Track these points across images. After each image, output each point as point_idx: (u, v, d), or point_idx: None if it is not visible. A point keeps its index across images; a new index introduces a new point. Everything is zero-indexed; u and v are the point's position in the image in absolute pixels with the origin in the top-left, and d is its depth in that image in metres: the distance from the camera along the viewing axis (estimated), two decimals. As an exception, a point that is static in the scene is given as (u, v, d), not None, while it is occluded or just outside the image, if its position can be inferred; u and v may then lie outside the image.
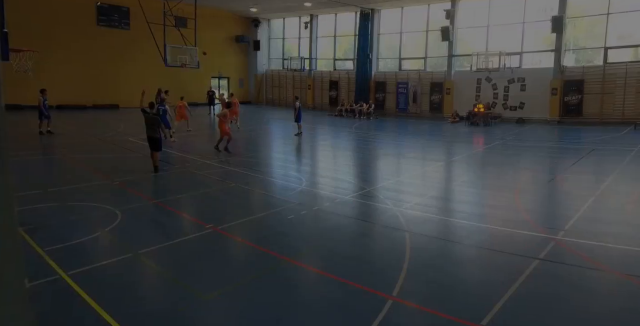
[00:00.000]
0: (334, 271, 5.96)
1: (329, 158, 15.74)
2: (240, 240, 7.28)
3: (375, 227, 7.98)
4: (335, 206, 9.08)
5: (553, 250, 6.53)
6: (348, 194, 10.10)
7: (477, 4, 26.69)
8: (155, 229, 7.90)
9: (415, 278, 5.72)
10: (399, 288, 5.40)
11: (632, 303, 5.02)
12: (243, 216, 8.44)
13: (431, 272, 5.93)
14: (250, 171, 12.44)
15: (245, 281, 5.69)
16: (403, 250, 6.64)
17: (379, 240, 7.41)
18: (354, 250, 6.86)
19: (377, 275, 5.86)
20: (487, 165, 13.89)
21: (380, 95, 31.37)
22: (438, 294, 5.34)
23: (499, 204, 9.24)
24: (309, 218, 8.45)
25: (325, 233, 7.63)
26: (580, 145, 16.70)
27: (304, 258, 6.55)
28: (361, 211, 9.00)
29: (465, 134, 21.47)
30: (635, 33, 22.51)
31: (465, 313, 4.80)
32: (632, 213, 8.33)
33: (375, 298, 5.18)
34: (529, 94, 24.99)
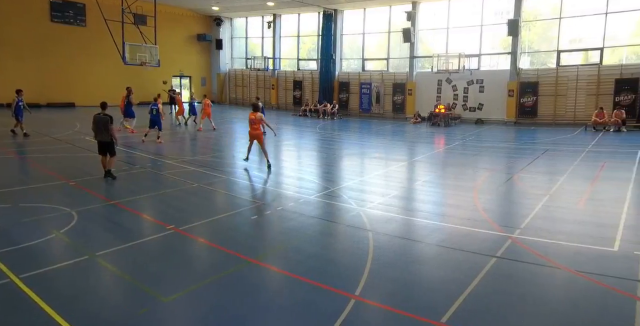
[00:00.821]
0: (298, 271, 5.96)
1: (293, 158, 15.72)
2: (202, 241, 7.17)
3: (339, 226, 8.03)
4: (299, 206, 9.08)
5: (509, 248, 6.73)
6: (312, 194, 10.11)
7: (437, 6, 27.27)
8: (113, 230, 7.68)
9: (378, 277, 5.79)
10: (362, 287, 5.45)
11: (582, 299, 5.24)
12: (206, 217, 8.32)
13: (393, 271, 6.01)
14: (214, 171, 12.28)
15: (207, 282, 5.61)
16: (366, 250, 6.71)
17: (342, 240, 7.46)
18: (317, 250, 6.88)
19: (341, 275, 5.89)
20: (447, 165, 14.19)
21: (344, 96, 31.58)
22: (400, 292, 5.42)
23: (459, 203, 9.46)
24: (273, 218, 8.42)
25: (289, 233, 7.61)
26: (535, 145, 17.30)
27: (267, 259, 6.51)
28: (325, 211, 9.03)
29: (426, 135, 21.89)
30: (586, 37, 23.55)
31: (426, 311, 4.89)
32: (583, 212, 8.68)
33: (338, 297, 5.21)
34: (487, 96, 25.73)
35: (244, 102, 38.04)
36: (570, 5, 23.09)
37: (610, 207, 8.80)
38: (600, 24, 22.22)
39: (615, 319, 4.71)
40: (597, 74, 22.34)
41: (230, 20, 38.98)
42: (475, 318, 4.80)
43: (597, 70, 22.37)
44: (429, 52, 27.94)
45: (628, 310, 4.84)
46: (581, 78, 22.84)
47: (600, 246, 6.72)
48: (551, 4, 24.01)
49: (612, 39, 22.62)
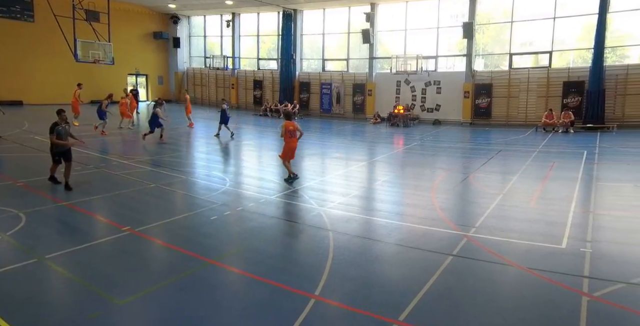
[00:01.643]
0: (258, 271, 5.92)
1: (253, 158, 15.59)
2: (159, 243, 7.00)
3: (300, 226, 8.02)
4: (260, 206, 9.02)
5: (465, 246, 6.92)
6: (273, 194, 10.06)
7: (395, 8, 27.70)
8: (64, 232, 7.39)
9: (338, 277, 5.82)
10: (322, 287, 5.47)
11: (533, 295, 5.43)
12: (163, 217, 8.13)
13: (353, 270, 6.06)
14: (172, 171, 12.01)
15: (164, 284, 5.49)
16: (327, 249, 6.74)
17: (303, 240, 7.46)
18: (278, 250, 6.85)
19: (301, 275, 5.90)
20: (406, 165, 14.44)
21: (305, 96, 31.59)
22: (359, 291, 5.46)
23: (417, 203, 9.63)
24: (233, 218, 8.32)
25: (249, 234, 7.55)
26: (490, 146, 17.85)
27: (227, 260, 6.43)
28: (286, 211, 9.00)
29: (386, 135, 22.20)
30: (536, 41, 24.52)
31: (385, 310, 4.96)
32: (534, 210, 9.00)
33: (298, 297, 5.21)
34: (444, 97, 26.36)
35: (202, 102, 37.42)
36: (521, 9, 23.97)
37: (559, 205, 9.15)
38: (549, 29, 23.19)
39: (563, 314, 4.91)
40: (547, 76, 23.30)
41: (187, 19, 38.25)
42: (432, 315, 4.91)
43: (547, 73, 23.33)
44: (388, 53, 28.34)
45: (575, 305, 5.05)
46: (532, 80, 23.75)
47: (550, 243, 6.98)
48: (503, 8, 24.86)
49: (560, 43, 23.66)
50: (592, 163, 13.24)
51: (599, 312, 4.88)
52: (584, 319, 4.73)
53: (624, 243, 6.99)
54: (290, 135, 10.83)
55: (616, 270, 5.90)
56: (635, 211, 8.78)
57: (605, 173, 12.11)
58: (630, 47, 22.47)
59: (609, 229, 7.68)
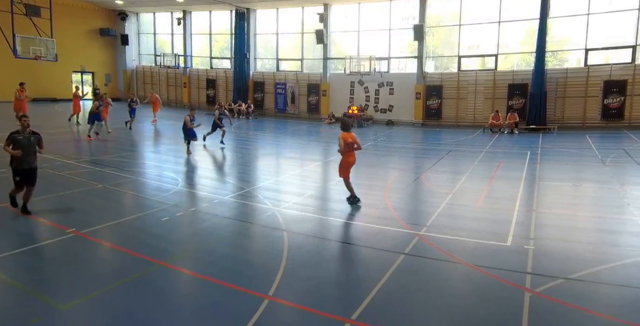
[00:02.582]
0: (211, 273, 5.82)
1: (207, 158, 15.31)
2: (107, 245, 6.76)
3: (254, 227, 7.95)
4: (213, 207, 8.88)
5: (416, 245, 7.07)
6: (227, 194, 9.92)
7: (348, 9, 27.97)
8: (3, 235, 6.99)
9: (292, 277, 5.82)
10: (276, 287, 5.46)
11: (479, 291, 5.61)
12: (111, 219, 7.85)
13: (307, 270, 6.07)
14: (121, 171, 11.62)
15: (111, 288, 5.30)
16: (281, 250, 6.71)
17: (257, 240, 7.40)
18: (231, 251, 6.77)
19: (255, 275, 5.85)
20: (360, 165, 14.50)
21: (259, 95, 31.37)
22: (313, 291, 5.48)
23: (371, 202, 9.75)
24: (185, 219, 8.15)
25: (202, 235, 7.42)
26: (440, 146, 18.34)
27: (178, 261, 6.29)
28: (240, 211, 8.90)
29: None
30: (483, 44, 25.43)
31: (338, 309, 5.00)
32: (481, 209, 9.32)
33: (251, 298, 5.17)
34: (397, 98, 26.87)
35: (153, 100, 36.36)
36: (468, 13, 24.81)
37: (505, 204, 9.49)
38: (494, 32, 24.13)
39: (507, 309, 5.10)
40: (493, 79, 24.21)
41: (136, 15, 37.08)
42: (384, 313, 4.99)
43: (493, 75, 24.24)
44: (342, 53, 28.59)
45: (518, 300, 5.26)
46: (479, 82, 24.62)
47: (496, 241, 7.23)
48: (452, 12, 25.64)
49: (505, 46, 24.67)
50: (535, 163, 13.84)
51: (540, 307, 5.10)
52: (526, 314, 4.93)
53: (563, 240, 7.34)
54: (348, 148, 9.33)
55: (556, 266, 6.19)
56: (574, 209, 9.26)
57: (547, 172, 12.68)
58: (569, 52, 23.74)
59: (550, 227, 8.05)
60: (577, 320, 4.87)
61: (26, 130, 7.88)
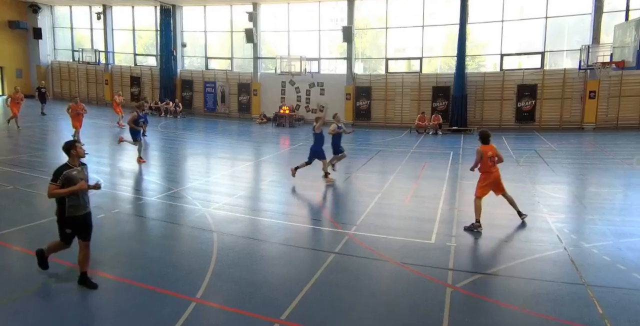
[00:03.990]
0: (134, 276, 5.58)
1: (131, 158, 14.62)
2: (17, 249, 6.27)
3: (182, 228, 7.72)
4: (139, 208, 8.51)
5: (347, 244, 7.20)
6: (153, 195, 9.55)
7: (277, 9, 27.90)
8: None
9: (221, 278, 5.72)
10: (204, 290, 5.34)
11: (405, 287, 5.82)
12: (22, 222, 7.30)
13: (237, 271, 5.99)
14: (34, 172, 10.80)
15: (22, 295, 4.92)
16: (210, 251, 6.57)
17: (185, 242, 7.19)
18: (157, 254, 6.52)
19: (182, 278, 5.68)
20: (292, 165, 14.58)
21: (188, 94, 30.49)
22: (242, 292, 5.42)
23: (303, 202, 9.81)
24: (108, 222, 7.74)
25: (126, 237, 7.09)
26: (370, 147, 18.76)
27: (100, 265, 5.95)
28: (167, 212, 8.60)
29: (272, 135, 22.28)
30: (408, 47, 26.39)
31: (267, 309, 4.98)
32: (408, 208, 9.65)
33: (177, 301, 5.03)
34: (327, 98, 27.09)
35: (71, 97, 34.18)
36: (394, 16, 25.63)
37: (429, 203, 9.87)
38: (419, 36, 25.11)
39: (430, 304, 5.32)
40: (419, 81, 25.14)
41: (50, 8, 34.63)
42: (313, 312, 5.03)
43: (418, 78, 25.18)
44: (273, 53, 28.46)
45: (440, 295, 5.50)
46: (406, 84, 25.48)
47: (421, 239, 7.51)
48: (379, 15, 26.36)
49: (429, 50, 25.72)
50: (457, 164, 14.53)
51: (460, 301, 5.37)
52: (447, 308, 5.16)
53: (482, 237, 7.73)
54: (491, 162, 8.18)
55: (475, 262, 6.56)
56: (491, 207, 9.79)
57: (468, 172, 13.25)
58: (487, 56, 25.23)
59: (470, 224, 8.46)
60: (493, 312, 5.17)
61: (77, 161, 5.67)
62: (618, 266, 6.13)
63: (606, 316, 4.87)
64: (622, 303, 5.15)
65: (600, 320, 4.83)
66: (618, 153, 14.09)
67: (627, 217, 8.56)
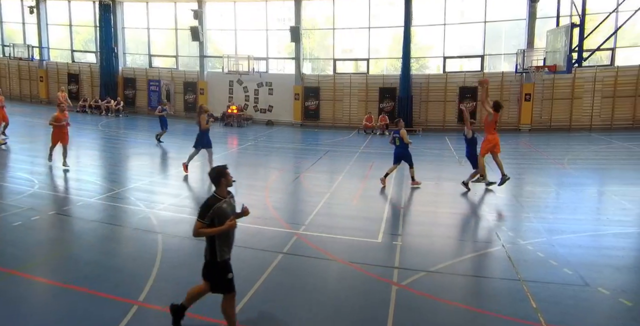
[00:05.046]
0: (72, 280, 5.33)
1: (70, 158, 13.91)
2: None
3: (125, 230, 7.44)
4: (77, 209, 8.13)
5: (295, 244, 7.19)
6: (94, 196, 9.14)
7: (223, 7, 27.47)
8: None
9: (166, 280, 5.57)
10: (147, 292, 5.19)
11: (352, 286, 5.89)
12: None
13: (183, 273, 5.85)
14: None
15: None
16: (154, 253, 6.37)
17: (128, 244, 6.94)
18: (98, 257, 6.25)
19: (124, 281, 5.49)
20: (240, 165, 14.45)
21: (130, 92, 29.44)
22: (187, 295, 5.29)
23: (251, 202, 9.59)
24: (42, 224, 7.35)
25: (64, 240, 6.75)
26: (319, 146, 18.85)
27: (32, 269, 5.65)
28: (109, 214, 8.26)
29: (219, 135, 21.87)
30: (356, 48, 26.74)
31: (215, 311, 4.86)
32: (356, 208, 9.76)
33: (119, 305, 4.86)
34: (276, 98, 27.06)
35: (4, 94, 32.05)
36: (341, 17, 25.88)
37: (377, 202, 10.05)
38: (365, 37, 25.52)
39: (375, 302, 5.40)
40: (366, 82, 25.56)
41: (-23, 0, 32.40)
42: (260, 313, 5.01)
43: (365, 78, 25.60)
44: (219, 52, 28.01)
45: (385, 293, 5.59)
46: (354, 85, 25.82)
47: (368, 238, 7.62)
48: (326, 15, 26.55)
49: (375, 51, 26.16)
50: (403, 163, 14.82)
51: (404, 299, 5.48)
52: (392, 306, 5.26)
53: (426, 235, 7.96)
54: (495, 127, 10.68)
55: (420, 260, 6.68)
56: (436, 206, 10.14)
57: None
58: (430, 59, 25.99)
59: (415, 223, 8.70)
60: (436, 309, 5.31)
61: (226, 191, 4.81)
62: (551, 262, 6.45)
63: (539, 310, 5.09)
64: (554, 297, 5.41)
65: (534, 313, 5.04)
66: (551, 154, 14.94)
67: (559, 215, 9.06)
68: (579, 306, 5.25)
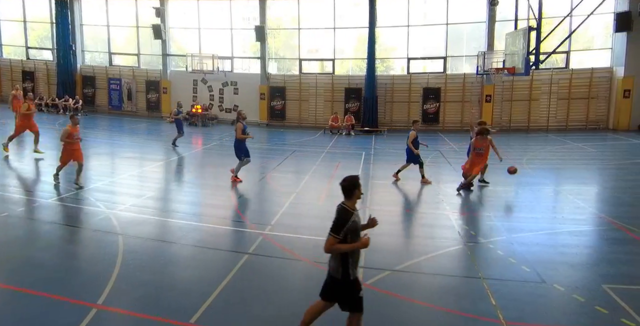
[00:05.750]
0: (27, 284, 5.13)
1: (26, 158, 13.37)
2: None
3: (84, 231, 7.22)
4: (33, 211, 7.83)
5: (261, 244, 7.13)
6: (50, 197, 8.83)
7: (186, 5, 27.00)
8: None
9: (126, 283, 5.44)
10: (107, 295, 5.05)
11: (315, 285, 5.76)
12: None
13: (144, 275, 5.72)
14: None
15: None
16: (115, 255, 6.20)
17: (87, 246, 6.73)
18: (55, 259, 6.04)
19: (83, 284, 5.33)
20: (205, 165, 14.24)
21: (90, 91, 28.58)
22: (149, 296, 5.19)
23: (217, 203, 9.58)
24: (-5, 228, 7.01)
25: (18, 242, 6.49)
26: (285, 146, 18.78)
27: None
28: (67, 215, 7.99)
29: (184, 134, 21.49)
30: (321, 48, 26.81)
31: (176, 313, 4.80)
32: (322, 208, 9.72)
33: (77, 308, 4.71)
34: (241, 98, 26.80)
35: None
36: (306, 18, 25.89)
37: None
38: (331, 38, 25.63)
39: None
40: (331, 82, 25.66)
41: None
42: (225, 314, 4.94)
43: (331, 79, 25.72)
44: (183, 50, 27.53)
45: None
46: (319, 85, 25.88)
47: (333, 238, 7.67)
48: (291, 15, 26.51)
49: (340, 51, 26.32)
50: (369, 163, 14.98)
51: (369, 298, 5.42)
52: None
53: (391, 234, 8.02)
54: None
55: (385, 259, 6.73)
56: (400, 205, 10.28)
57: (378, 172, 13.74)
58: (395, 60, 26.31)
59: (380, 222, 8.70)
60: (401, 308, 5.37)
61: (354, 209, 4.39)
62: (510, 260, 6.62)
63: (498, 307, 5.23)
64: (512, 294, 5.55)
65: (494, 310, 5.17)
66: (510, 154, 15.35)
67: (518, 214, 9.35)
68: (536, 302, 5.41)
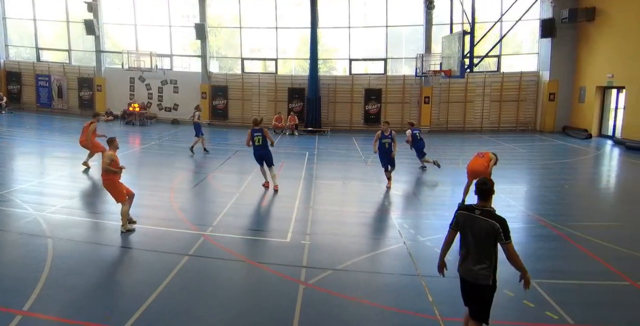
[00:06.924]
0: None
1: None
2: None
3: (9, 235, 6.78)
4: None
5: (202, 245, 7.00)
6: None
7: (121, 1, 25.95)
8: None
9: (55, 287, 5.18)
10: (34, 301, 4.79)
11: (260, 286, 5.86)
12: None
13: (75, 279, 5.46)
14: None
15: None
16: (43, 259, 5.87)
17: (12, 250, 6.33)
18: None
19: (7, 289, 5.05)
20: (143, 165, 13.75)
21: (15, 87, 26.83)
22: (79, 301, 4.97)
23: (155, 204, 9.28)
24: None
25: None
26: (228, 146, 18.48)
27: None
28: (-13, 220, 7.44)
29: (121, 134, 20.61)
30: (264, 48, 26.63)
31: (112, 317, 4.61)
32: (266, 208, 9.72)
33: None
34: (182, 96, 26.10)
35: None
36: (248, 17, 25.60)
37: (286, 202, 9.97)
38: (273, 37, 25.52)
39: (283, 302, 5.39)
40: (275, 82, 25.55)
41: None
42: (163, 317, 4.81)
43: (274, 79, 25.61)
44: (118, 47, 26.39)
45: (293, 292, 5.61)
46: (262, 85, 25.69)
47: (277, 238, 7.62)
48: (232, 14, 26.13)
49: (283, 51, 26.26)
50: (313, 163, 15.01)
51: (311, 297, 5.55)
52: (299, 304, 5.30)
53: (334, 234, 8.09)
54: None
55: (327, 259, 6.77)
56: (343, 205, 10.36)
57: (322, 172, 13.80)
58: (337, 61, 26.60)
59: (323, 222, 8.80)
60: (342, 306, 5.42)
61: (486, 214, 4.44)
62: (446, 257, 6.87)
63: (435, 303, 5.40)
64: (448, 291, 5.65)
65: (431, 307, 5.34)
66: (447, 154, 15.98)
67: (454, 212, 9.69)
68: (470, 298, 5.65)
